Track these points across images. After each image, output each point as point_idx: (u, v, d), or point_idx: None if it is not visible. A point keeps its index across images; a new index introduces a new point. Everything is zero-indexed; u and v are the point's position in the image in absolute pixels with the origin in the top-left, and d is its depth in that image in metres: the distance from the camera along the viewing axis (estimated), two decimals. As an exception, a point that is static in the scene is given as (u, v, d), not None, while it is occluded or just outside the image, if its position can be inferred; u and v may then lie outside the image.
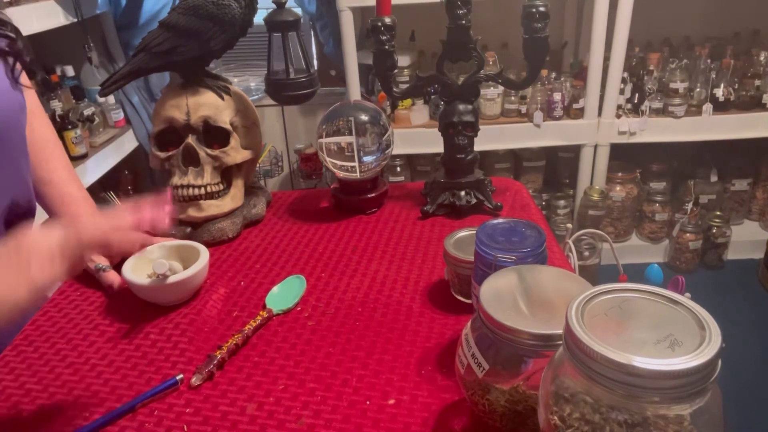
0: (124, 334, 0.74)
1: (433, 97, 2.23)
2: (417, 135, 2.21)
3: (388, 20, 0.90)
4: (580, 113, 2.20)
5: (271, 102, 0.96)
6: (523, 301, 0.52)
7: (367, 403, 0.61)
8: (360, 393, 0.63)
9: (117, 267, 0.83)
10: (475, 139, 0.98)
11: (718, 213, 2.37)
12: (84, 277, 0.87)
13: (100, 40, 2.23)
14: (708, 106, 2.16)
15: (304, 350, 0.69)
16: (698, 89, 2.16)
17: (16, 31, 0.75)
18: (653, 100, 2.18)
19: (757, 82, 2.15)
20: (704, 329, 0.39)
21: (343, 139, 0.96)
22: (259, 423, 0.60)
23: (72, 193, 0.88)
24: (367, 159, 0.97)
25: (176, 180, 0.91)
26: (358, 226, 0.98)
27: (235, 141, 0.93)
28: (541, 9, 0.87)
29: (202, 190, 0.91)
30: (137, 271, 0.78)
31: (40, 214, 0.85)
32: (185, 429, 0.59)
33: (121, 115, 2.17)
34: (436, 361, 0.67)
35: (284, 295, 0.80)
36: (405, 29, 2.28)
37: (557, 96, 2.17)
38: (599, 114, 2.19)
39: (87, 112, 1.97)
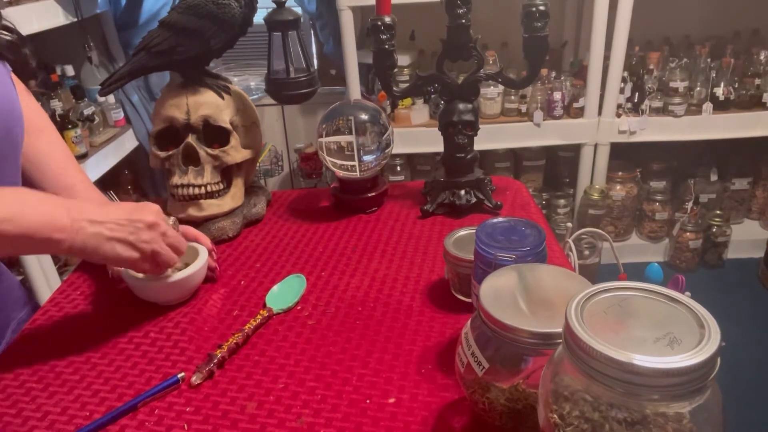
0: (124, 333, 0.74)
1: (433, 96, 2.23)
2: (417, 134, 2.22)
3: (387, 19, 0.90)
4: (580, 112, 2.20)
5: (271, 101, 0.95)
6: (523, 299, 0.52)
7: (367, 401, 0.61)
8: (360, 392, 0.63)
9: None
10: (475, 138, 0.98)
11: (718, 212, 2.37)
12: (84, 276, 0.87)
13: (100, 40, 2.23)
14: (708, 105, 2.16)
15: (304, 349, 0.70)
16: (698, 88, 2.16)
17: (21, 37, 0.76)
18: (653, 99, 2.18)
19: (757, 81, 2.15)
20: (704, 327, 0.39)
21: (343, 139, 0.96)
22: (260, 422, 0.60)
23: (97, 198, 0.88)
24: (367, 158, 0.97)
25: (176, 179, 0.91)
26: (358, 225, 0.98)
27: (235, 140, 0.93)
28: (541, 8, 0.87)
29: (202, 190, 0.91)
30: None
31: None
32: (185, 428, 0.60)
33: (121, 115, 2.17)
34: (436, 359, 0.67)
35: (284, 294, 0.80)
36: (405, 28, 2.28)
37: (557, 95, 2.17)
38: (599, 113, 2.19)
39: (87, 111, 1.97)
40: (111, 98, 2.11)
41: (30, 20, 1.65)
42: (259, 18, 0.92)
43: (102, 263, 0.69)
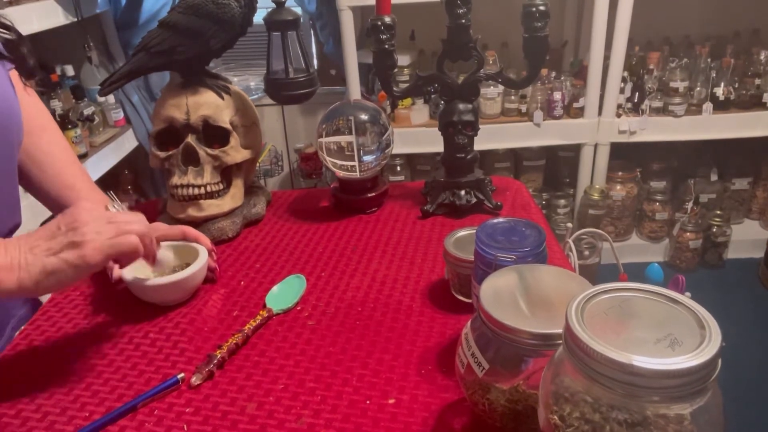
0: (124, 333, 0.74)
1: (433, 96, 2.23)
2: (417, 134, 2.21)
3: (387, 19, 0.90)
4: (580, 112, 2.20)
5: (271, 101, 0.96)
6: (523, 300, 0.52)
7: (367, 402, 0.61)
8: (360, 392, 0.63)
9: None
10: (475, 138, 0.98)
11: (719, 212, 2.37)
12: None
13: (100, 40, 2.23)
14: (708, 105, 2.16)
15: (304, 350, 0.69)
16: (698, 88, 2.16)
17: (20, 36, 0.76)
18: (653, 99, 2.18)
19: (757, 81, 2.15)
20: (704, 328, 0.39)
21: (343, 139, 0.96)
22: (259, 422, 0.60)
23: (97, 197, 0.88)
24: (367, 158, 0.96)
25: (176, 179, 0.91)
26: (358, 225, 0.98)
27: (234, 140, 0.93)
28: (541, 8, 0.87)
29: (202, 190, 0.91)
30: (137, 271, 0.78)
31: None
32: (185, 428, 0.59)
33: (121, 115, 2.17)
34: (436, 360, 0.67)
35: (284, 294, 0.80)
36: (405, 28, 2.28)
37: (557, 95, 2.17)
38: (599, 113, 2.19)
39: (87, 111, 1.97)
40: (111, 98, 2.11)
41: (30, 20, 1.64)
42: (258, 18, 0.92)
43: (72, 283, 0.62)
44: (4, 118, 0.72)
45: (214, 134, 0.92)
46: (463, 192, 0.98)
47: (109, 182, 2.28)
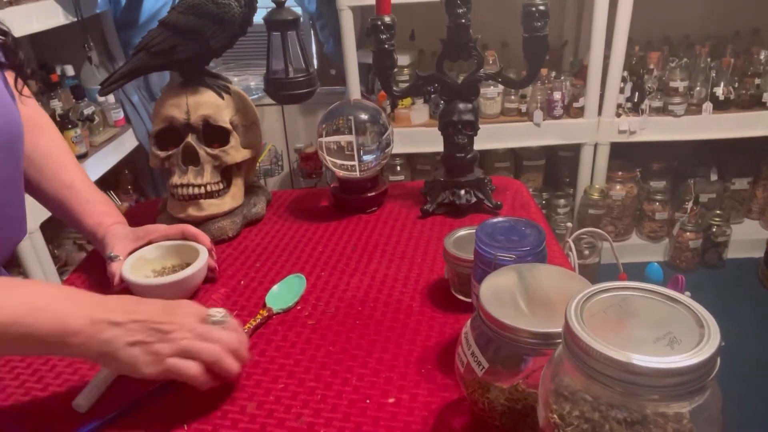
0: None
1: (433, 96, 2.23)
2: (417, 134, 2.22)
3: (387, 19, 0.90)
4: (580, 112, 2.20)
5: (271, 101, 0.96)
6: (523, 299, 0.52)
7: (367, 401, 0.61)
8: (360, 392, 0.63)
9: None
10: (475, 138, 0.98)
11: (718, 212, 2.37)
12: (84, 276, 0.87)
13: (100, 40, 2.23)
14: (708, 105, 2.16)
15: (304, 349, 0.70)
16: (698, 88, 2.16)
17: (15, 41, 0.75)
18: (653, 98, 2.18)
19: (757, 81, 2.15)
20: (703, 327, 0.39)
21: (343, 138, 0.96)
22: (260, 422, 0.60)
23: (96, 196, 0.87)
24: (367, 158, 0.97)
25: (176, 179, 0.91)
26: (358, 225, 0.98)
27: (234, 140, 0.93)
28: (541, 8, 0.87)
29: (202, 189, 0.91)
30: (137, 271, 0.78)
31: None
32: (185, 428, 0.59)
33: (121, 115, 2.17)
34: (436, 359, 0.67)
35: (284, 294, 0.80)
36: (405, 28, 2.28)
37: (557, 95, 2.17)
38: (599, 113, 2.19)
39: (87, 111, 1.97)
40: (111, 98, 2.11)
41: (30, 20, 1.64)
42: (258, 18, 0.92)
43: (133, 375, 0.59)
44: (10, 136, 0.71)
45: (214, 134, 0.92)
46: (462, 191, 0.99)
47: (109, 182, 2.28)
